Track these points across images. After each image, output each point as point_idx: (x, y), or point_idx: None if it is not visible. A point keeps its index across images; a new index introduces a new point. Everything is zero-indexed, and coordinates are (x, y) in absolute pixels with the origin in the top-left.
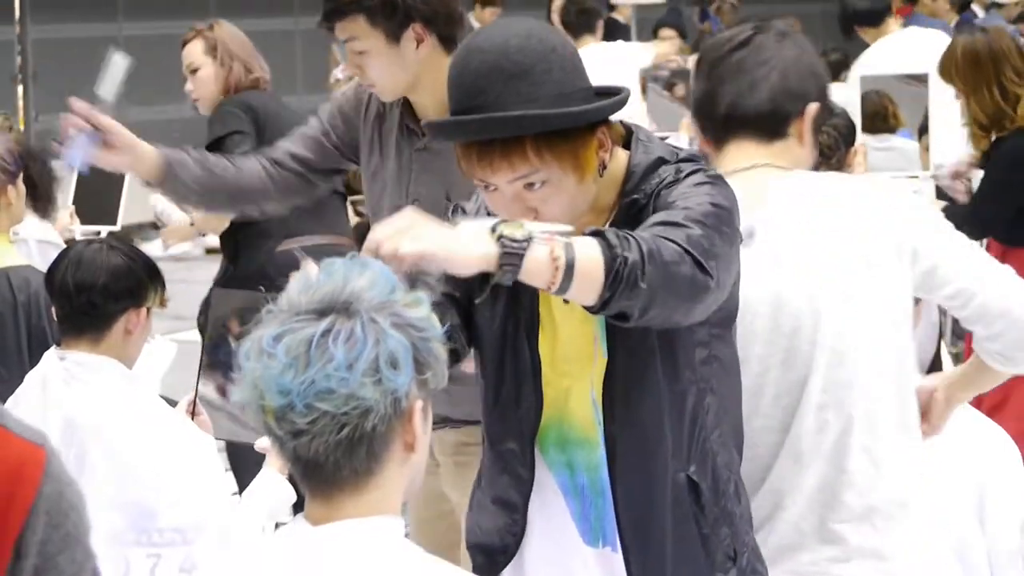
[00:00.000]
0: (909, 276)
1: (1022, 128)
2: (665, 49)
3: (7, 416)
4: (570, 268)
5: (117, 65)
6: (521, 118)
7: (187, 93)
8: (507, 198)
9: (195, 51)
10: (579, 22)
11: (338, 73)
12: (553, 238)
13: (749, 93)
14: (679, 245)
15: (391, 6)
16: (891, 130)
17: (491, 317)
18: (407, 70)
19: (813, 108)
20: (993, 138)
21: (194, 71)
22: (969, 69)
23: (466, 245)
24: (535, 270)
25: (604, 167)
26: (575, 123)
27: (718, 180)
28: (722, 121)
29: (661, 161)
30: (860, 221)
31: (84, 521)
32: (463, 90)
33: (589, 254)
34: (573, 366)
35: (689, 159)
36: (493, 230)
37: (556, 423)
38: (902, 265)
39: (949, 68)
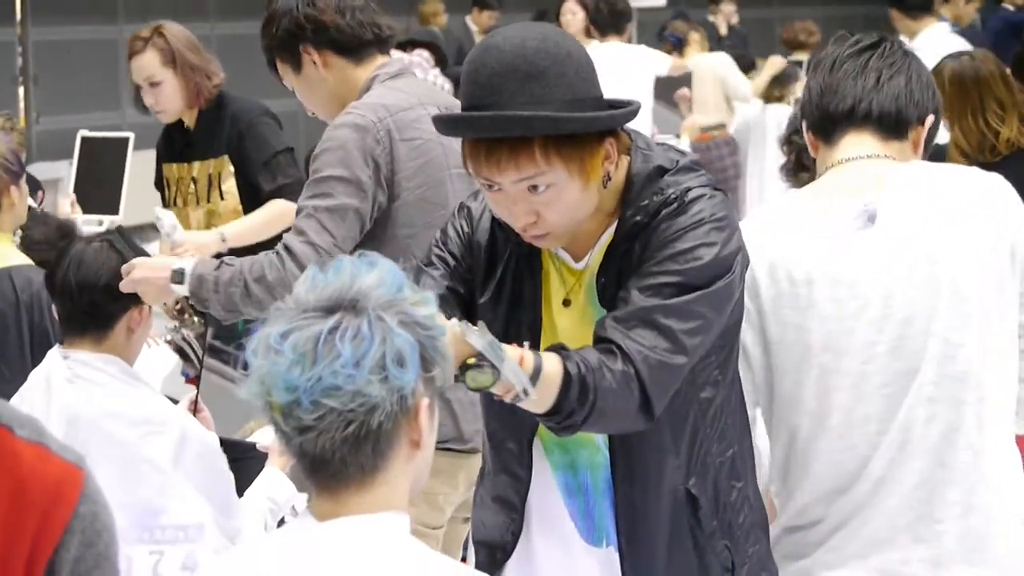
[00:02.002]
0: (1018, 276)
1: (1007, 157)
2: (679, 62)
3: (48, 436)
4: (518, 399)
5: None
6: (532, 118)
7: (148, 106)
8: (510, 199)
9: (151, 63)
10: (610, 21)
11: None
12: (513, 390)
13: (875, 90)
14: (639, 381)
15: (279, 39)
16: None
17: (492, 319)
18: (322, 92)
19: (931, 119)
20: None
21: (154, 84)
22: (955, 95)
23: None
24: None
25: (609, 178)
26: (585, 129)
27: (718, 207)
28: (845, 114)
29: (661, 170)
30: (979, 217)
31: (115, 542)
32: (477, 87)
33: (543, 398)
34: None
35: (689, 168)
36: (463, 369)
37: None
38: (1015, 264)
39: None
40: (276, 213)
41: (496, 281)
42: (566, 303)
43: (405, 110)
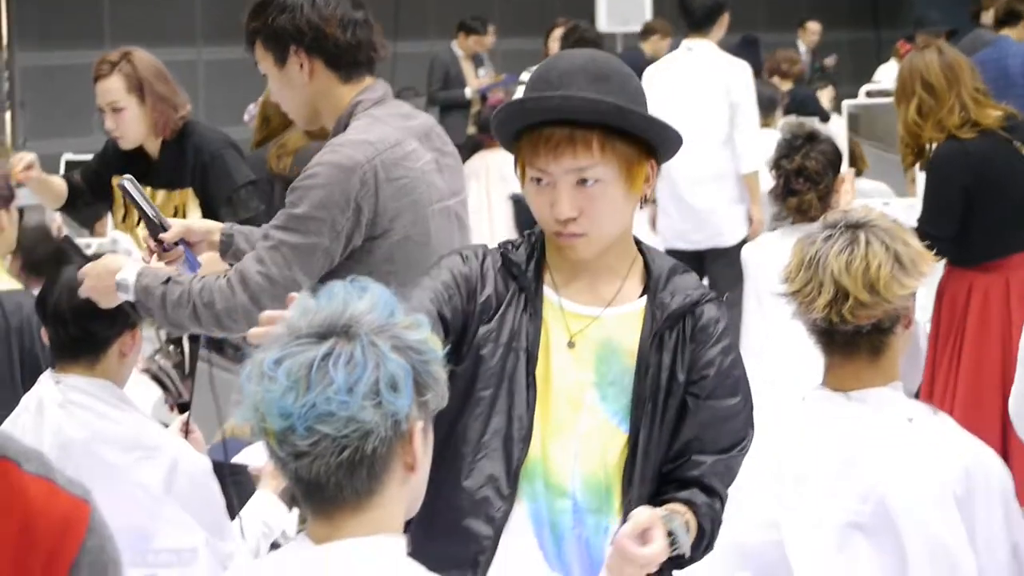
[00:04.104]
0: None
1: (943, 142)
2: None
3: (54, 470)
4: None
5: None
6: (600, 102)
7: (108, 130)
8: (557, 191)
9: (115, 88)
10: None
11: (252, 109)
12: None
13: None
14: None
15: (271, 30)
16: (859, 172)
17: (492, 350)
18: (298, 94)
19: None
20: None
21: (117, 110)
22: (897, 88)
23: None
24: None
25: (645, 201)
26: (645, 126)
27: (729, 330)
28: None
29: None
30: None
31: (121, 574)
32: (544, 82)
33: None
34: (563, 410)
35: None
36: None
37: (540, 459)
38: None
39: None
40: None
41: (499, 315)
42: (571, 344)
43: (392, 147)
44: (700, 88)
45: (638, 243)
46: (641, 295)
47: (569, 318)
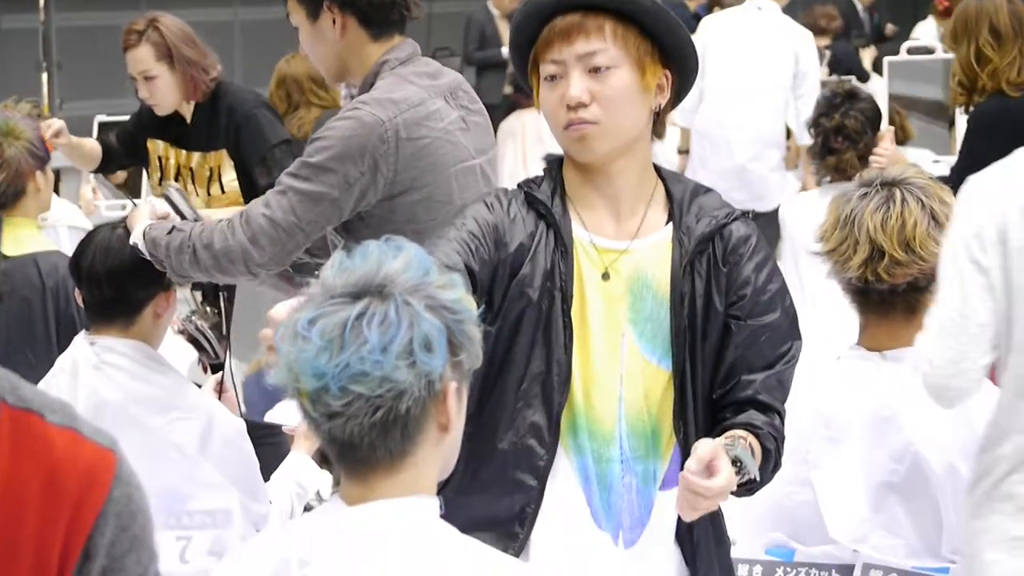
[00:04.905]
0: None
1: (991, 95)
2: None
3: (80, 420)
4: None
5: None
6: None
7: (142, 99)
8: (568, 82)
9: (145, 57)
10: None
11: None
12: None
13: None
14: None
15: None
16: (902, 142)
17: (529, 296)
18: (329, 49)
19: None
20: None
21: (149, 78)
22: (958, 25)
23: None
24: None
25: (659, 115)
26: (658, 16)
27: (770, 250)
28: None
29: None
30: None
31: (150, 523)
32: None
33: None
34: (602, 354)
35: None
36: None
37: (583, 408)
38: None
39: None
40: None
41: (531, 258)
42: (605, 276)
43: (416, 106)
44: (767, 50)
45: (657, 169)
46: (667, 223)
47: (600, 253)
